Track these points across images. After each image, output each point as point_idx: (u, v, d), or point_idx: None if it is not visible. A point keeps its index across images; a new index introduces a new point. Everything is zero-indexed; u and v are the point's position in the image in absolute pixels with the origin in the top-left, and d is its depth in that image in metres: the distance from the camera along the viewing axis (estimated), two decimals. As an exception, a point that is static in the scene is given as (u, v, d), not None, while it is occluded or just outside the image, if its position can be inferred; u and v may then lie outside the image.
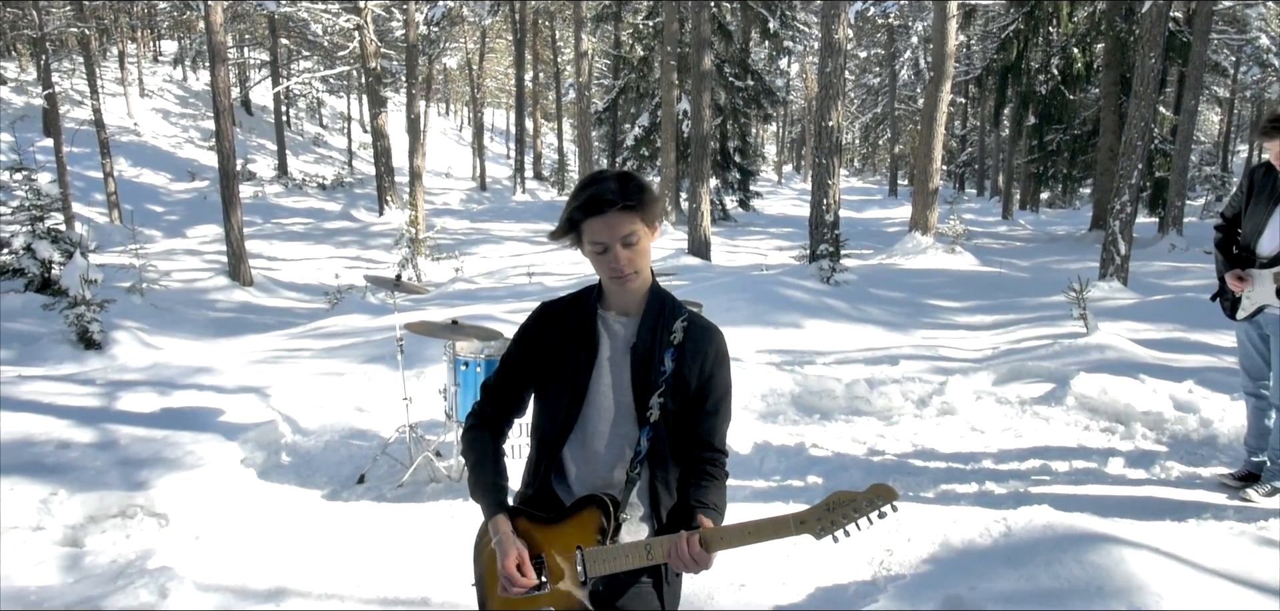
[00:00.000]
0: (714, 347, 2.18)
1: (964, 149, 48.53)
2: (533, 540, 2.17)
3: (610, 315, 2.20)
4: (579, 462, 2.19)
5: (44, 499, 4.71)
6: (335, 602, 4.10)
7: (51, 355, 9.76)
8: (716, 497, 2.14)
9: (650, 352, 2.14)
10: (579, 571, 2.10)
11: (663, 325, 2.16)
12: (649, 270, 2.18)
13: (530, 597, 2.14)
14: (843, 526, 1.87)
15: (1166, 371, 6.94)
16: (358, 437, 6.38)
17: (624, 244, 2.04)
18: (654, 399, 2.12)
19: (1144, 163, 12.15)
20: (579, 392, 2.17)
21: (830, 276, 12.35)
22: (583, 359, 2.17)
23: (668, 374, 2.13)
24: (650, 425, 2.12)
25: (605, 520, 2.09)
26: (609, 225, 2.02)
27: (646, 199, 2.05)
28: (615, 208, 2.01)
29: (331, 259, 18.95)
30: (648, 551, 2.04)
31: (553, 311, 2.26)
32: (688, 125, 24.12)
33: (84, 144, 23.55)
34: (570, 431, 2.18)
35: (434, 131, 43.74)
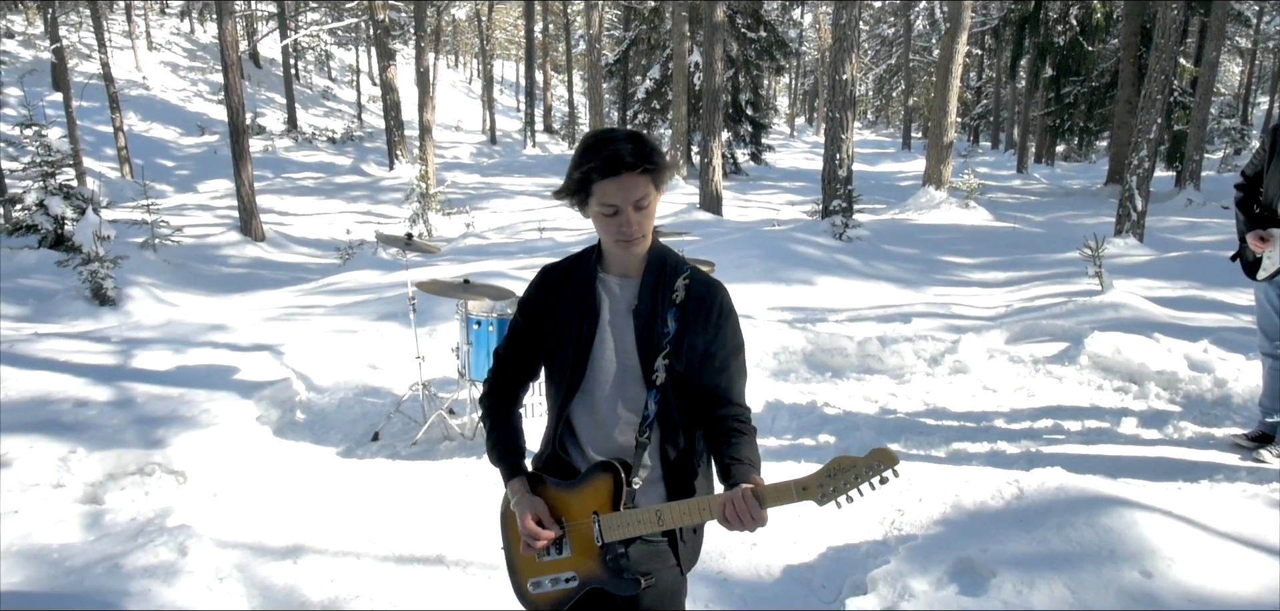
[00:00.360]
0: (717, 303, 2.13)
1: (979, 101, 47.99)
2: (551, 503, 2.19)
3: (611, 277, 2.18)
4: (588, 427, 2.19)
5: (63, 457, 4.76)
6: (351, 559, 4.15)
7: (67, 311, 9.83)
8: (749, 452, 2.08)
9: (652, 314, 2.11)
10: (595, 535, 2.12)
11: (664, 285, 2.13)
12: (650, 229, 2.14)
13: (554, 561, 2.18)
14: (845, 492, 1.85)
15: (1181, 330, 6.89)
16: (371, 395, 6.42)
17: (636, 207, 2.01)
18: (659, 361, 2.08)
19: (1163, 116, 11.97)
20: (582, 358, 2.15)
21: (842, 233, 12.28)
22: (584, 324, 2.15)
23: (671, 334, 2.09)
24: (657, 388, 2.09)
25: (618, 486, 2.09)
26: (623, 187, 1.98)
27: (660, 162, 2.02)
28: (632, 170, 1.97)
29: (342, 214, 18.94)
30: (658, 518, 2.04)
31: (553, 276, 2.24)
32: (699, 77, 23.90)
33: (93, 98, 23.52)
34: (575, 394, 2.17)
35: (443, 84, 43.47)
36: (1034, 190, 24.37)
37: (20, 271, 11.17)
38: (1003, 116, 46.68)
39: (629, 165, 1.97)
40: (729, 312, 2.15)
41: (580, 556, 2.17)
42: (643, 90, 29.04)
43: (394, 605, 3.77)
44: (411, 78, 38.51)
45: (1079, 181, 26.99)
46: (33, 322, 9.39)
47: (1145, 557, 3.23)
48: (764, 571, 4.01)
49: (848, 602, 3.37)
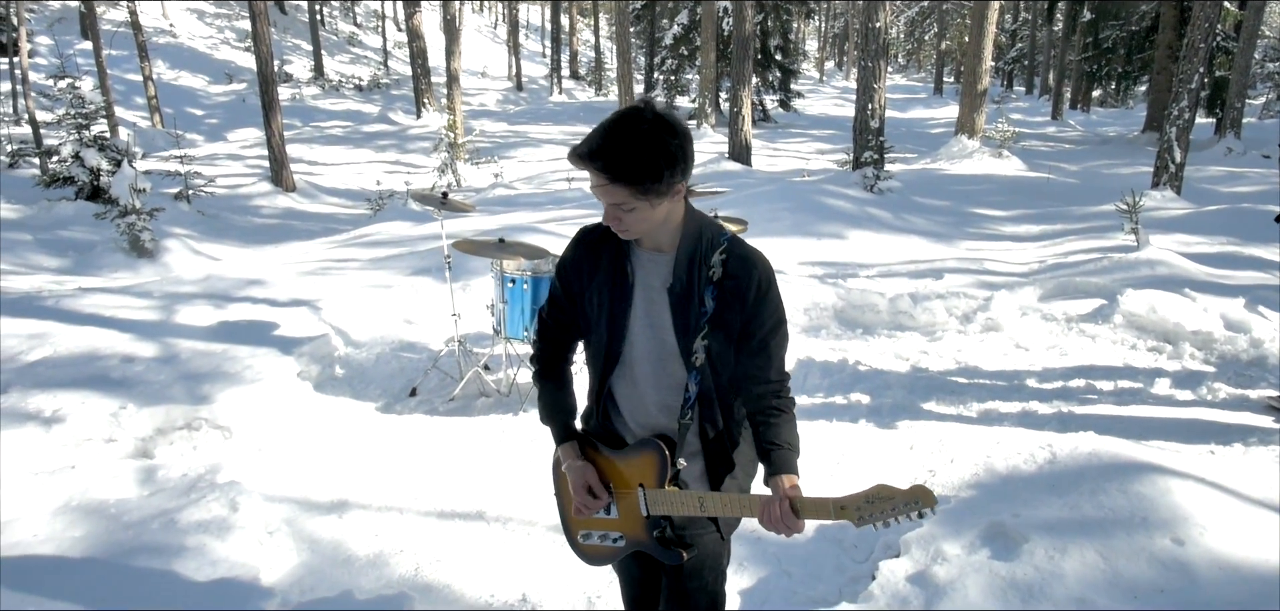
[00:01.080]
0: (757, 277, 2.05)
1: (1013, 45, 47.04)
2: (601, 467, 2.26)
3: (644, 252, 2.11)
4: (628, 401, 2.21)
5: (114, 412, 4.91)
6: (395, 514, 4.27)
7: (106, 264, 10.03)
8: (788, 433, 2.09)
9: (688, 292, 2.05)
10: (641, 506, 2.19)
11: (700, 260, 2.04)
12: (672, 211, 2.03)
13: (603, 518, 2.28)
14: (881, 519, 1.90)
15: (1218, 288, 6.83)
16: (407, 350, 6.52)
17: (615, 207, 1.94)
18: (697, 342, 2.05)
19: (1205, 65, 11.70)
20: (617, 333, 2.13)
21: (874, 184, 12.19)
22: (617, 299, 2.12)
23: (709, 313, 2.03)
24: (696, 370, 2.07)
25: (663, 463, 2.12)
26: (599, 188, 1.93)
27: (649, 183, 1.89)
28: (608, 178, 1.90)
29: (371, 164, 19.03)
30: (701, 504, 2.10)
31: (588, 242, 2.19)
32: (728, 23, 23.61)
33: (122, 46, 23.63)
34: (613, 368, 2.17)
35: (469, 29, 43.23)
36: (1069, 138, 23.98)
37: (59, 223, 11.39)
38: (1038, 61, 45.74)
39: (599, 168, 1.89)
40: (769, 287, 2.07)
41: (627, 520, 2.25)
42: (670, 35, 28.74)
43: (437, 559, 3.88)
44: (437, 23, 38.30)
45: (1115, 129, 26.51)
46: (74, 275, 9.60)
47: (1178, 524, 3.27)
48: (797, 531, 4.08)
49: (881, 565, 3.44)
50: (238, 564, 3.66)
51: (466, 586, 3.70)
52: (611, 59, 37.31)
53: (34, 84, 14.78)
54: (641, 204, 1.93)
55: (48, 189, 12.56)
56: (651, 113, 1.91)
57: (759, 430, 2.12)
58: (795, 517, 1.98)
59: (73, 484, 4.27)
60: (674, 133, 1.91)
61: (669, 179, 1.91)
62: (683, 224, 2.07)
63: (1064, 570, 3.12)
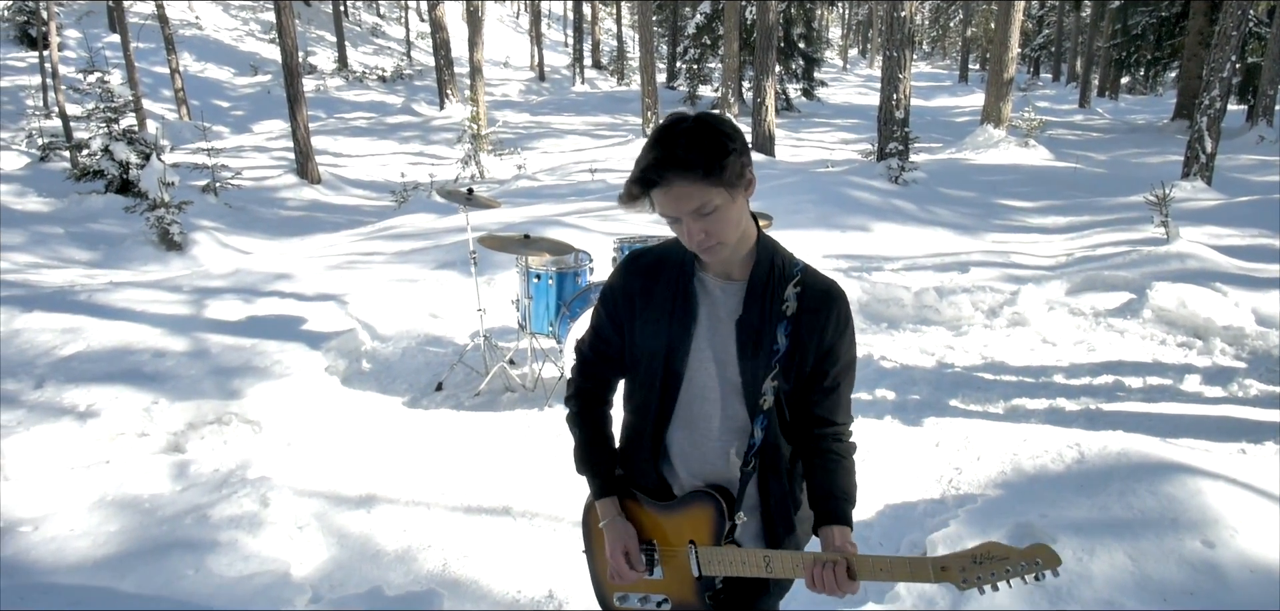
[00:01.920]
0: (835, 315, 1.87)
1: (1040, 31, 46.47)
2: (642, 524, 2.03)
3: (709, 277, 1.90)
4: (684, 447, 1.97)
5: (146, 407, 4.99)
6: (422, 510, 4.32)
7: (136, 257, 10.18)
8: (846, 482, 1.90)
9: (760, 327, 1.85)
10: (692, 566, 1.96)
11: (773, 292, 1.86)
12: (748, 229, 1.86)
13: (646, 580, 2.04)
14: (992, 582, 1.66)
15: (1250, 281, 6.75)
16: (433, 344, 6.58)
17: (697, 215, 1.71)
18: (767, 383, 1.84)
19: (1237, 53, 11.51)
20: (676, 373, 1.91)
21: (899, 176, 12.10)
22: (677, 332, 1.89)
23: (781, 352, 1.84)
24: (764, 413, 1.86)
25: (720, 518, 1.90)
26: (673, 197, 1.70)
27: (721, 164, 1.68)
28: (679, 177, 1.68)
29: (395, 155, 19.14)
30: (767, 564, 1.85)
31: (641, 267, 1.97)
32: (751, 12, 23.49)
33: (149, 39, 23.90)
34: (670, 414, 1.94)
35: (491, 19, 43.29)
36: (1096, 126, 23.68)
37: (89, 216, 11.55)
38: (1065, 47, 45.17)
39: (674, 171, 1.68)
40: (846, 326, 1.90)
41: (674, 581, 2.02)
42: (693, 24, 28.62)
43: (464, 555, 3.92)
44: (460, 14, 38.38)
45: (1144, 116, 26.17)
46: (105, 268, 9.75)
47: (1208, 526, 3.24)
48: (822, 529, 4.08)
49: (907, 565, 3.43)
50: (269, 559, 3.72)
51: (493, 582, 3.74)
52: (634, 48, 37.24)
53: (64, 78, 14.96)
54: (722, 198, 1.71)
55: (78, 182, 12.74)
56: (691, 114, 1.77)
57: (813, 474, 1.92)
58: (851, 581, 1.77)
59: (108, 479, 4.35)
60: (720, 118, 1.75)
61: (737, 158, 1.71)
62: (755, 248, 1.88)
63: (1092, 571, 3.11)
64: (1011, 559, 1.63)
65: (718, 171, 1.68)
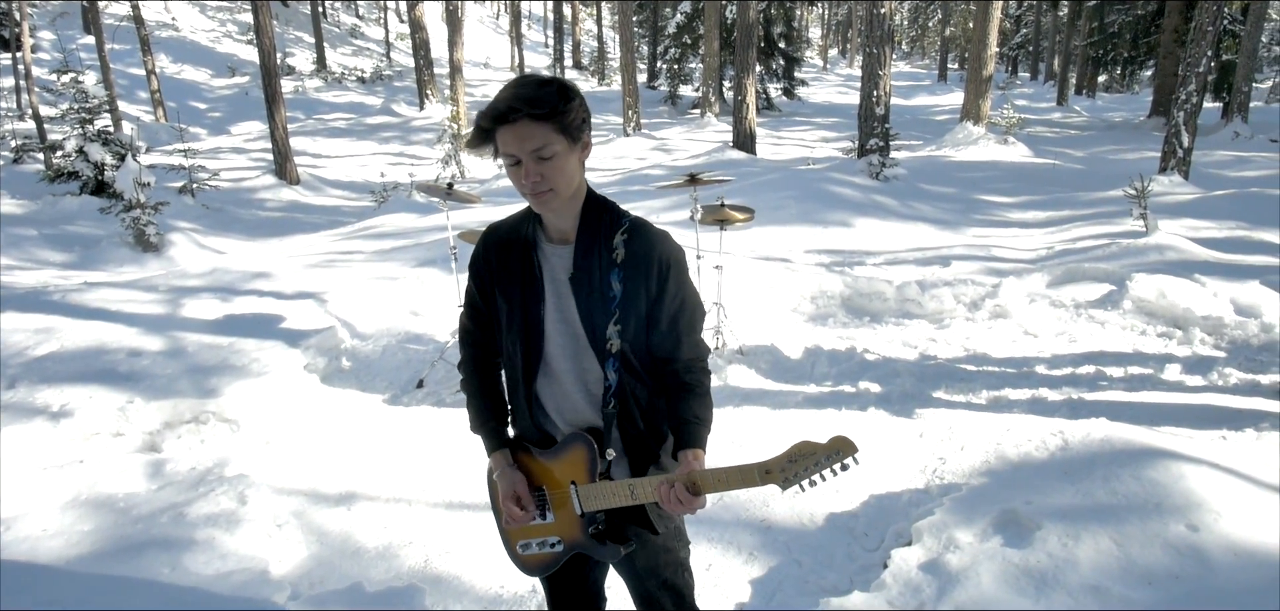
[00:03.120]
0: (659, 255, 2.01)
1: (1018, 30, 46.82)
2: (532, 472, 2.18)
3: (550, 245, 2.06)
4: (552, 398, 2.12)
5: (122, 406, 4.91)
6: (403, 506, 4.27)
7: (111, 258, 10.03)
8: (696, 408, 2.04)
9: (591, 278, 2.01)
10: (574, 504, 2.11)
11: (602, 244, 2.01)
12: (581, 188, 2.02)
13: (539, 524, 2.19)
14: (806, 478, 1.81)
15: (1228, 271, 6.79)
16: (414, 342, 6.51)
17: (537, 157, 1.86)
18: (610, 328, 2.00)
19: (1213, 49, 11.62)
20: (532, 331, 2.07)
21: (879, 172, 12.13)
22: (528, 296, 2.06)
23: (617, 298, 1.99)
24: (613, 357, 2.01)
25: (592, 457, 2.06)
26: (518, 135, 1.85)
27: (562, 106, 1.86)
28: (522, 116, 1.83)
29: (375, 155, 19.01)
30: (631, 492, 2.01)
31: (495, 240, 2.13)
32: (731, 11, 23.52)
33: (124, 40, 23.63)
34: (535, 370, 2.09)
35: (470, 20, 43.17)
36: (1074, 124, 23.87)
37: (64, 218, 11.39)
38: (1043, 46, 45.55)
39: (516, 110, 1.84)
40: (672, 264, 2.03)
41: (563, 522, 2.17)
42: (673, 24, 28.62)
43: (447, 551, 3.87)
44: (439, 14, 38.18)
45: (1121, 114, 26.40)
46: (80, 269, 9.61)
47: (1191, 511, 3.24)
48: (807, 519, 4.07)
49: (893, 553, 3.42)
50: (247, 557, 3.66)
51: (476, 578, 3.69)
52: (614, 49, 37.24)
53: (37, 79, 14.77)
54: (562, 146, 1.88)
55: (52, 184, 12.57)
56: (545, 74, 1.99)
57: (669, 407, 2.08)
58: (693, 497, 1.91)
59: (81, 478, 4.27)
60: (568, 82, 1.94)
61: (580, 111, 1.91)
62: (583, 208, 2.03)
63: (1078, 557, 3.10)
64: (818, 453, 1.79)
65: (561, 116, 1.86)
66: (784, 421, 5.07)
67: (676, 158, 17.96)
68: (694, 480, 1.91)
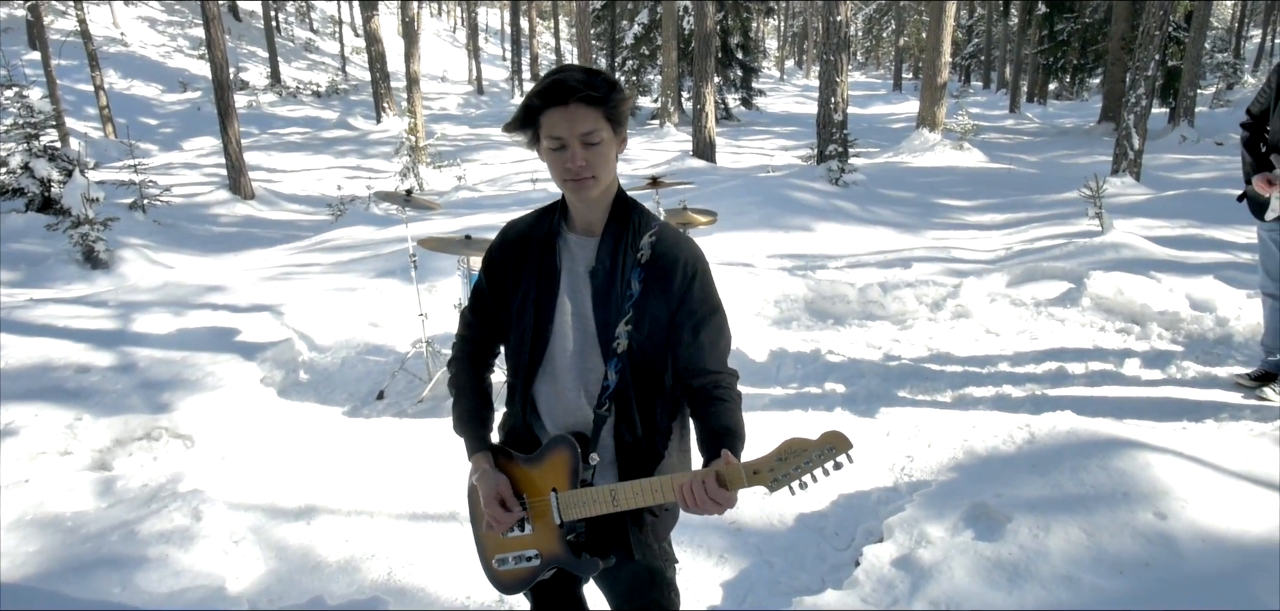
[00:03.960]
0: (686, 261, 1.95)
1: (970, 41, 47.65)
2: (514, 478, 2.06)
3: (573, 236, 2.01)
4: (548, 399, 2.04)
5: (69, 424, 4.74)
6: (365, 518, 4.16)
7: (59, 276, 9.73)
8: (730, 421, 1.92)
9: (612, 275, 1.94)
10: (553, 513, 2.00)
11: (628, 243, 1.95)
12: (613, 182, 1.98)
13: (517, 537, 2.07)
14: (797, 478, 1.71)
15: (1182, 268, 6.90)
16: (374, 353, 6.39)
17: (583, 142, 1.84)
18: (620, 327, 1.92)
19: (1160, 53, 11.88)
20: (542, 325, 1.99)
21: (839, 177, 12.22)
22: (543, 288, 1.99)
23: (635, 297, 1.92)
24: (617, 357, 1.93)
25: (574, 461, 1.96)
26: (569, 118, 1.82)
27: (614, 96, 1.86)
28: (577, 98, 1.81)
29: (331, 169, 18.75)
30: (612, 498, 1.90)
31: (515, 234, 2.08)
32: (689, 21, 23.61)
33: (72, 56, 23.10)
34: (537, 366, 2.01)
35: (427, 33, 42.87)
36: (1027, 130, 24.30)
37: (10, 236, 11.03)
38: (994, 55, 46.39)
39: (573, 91, 1.81)
40: (698, 274, 1.97)
41: (541, 534, 2.05)
42: (631, 35, 28.68)
43: (411, 562, 3.78)
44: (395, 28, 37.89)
45: (1072, 120, 26.92)
46: (26, 288, 9.30)
47: (1159, 498, 3.26)
48: (777, 520, 4.04)
49: (864, 550, 3.40)
50: (202, 574, 3.53)
51: (442, 588, 3.60)
52: (572, 60, 37.20)
53: (-21, 95, 14.34)
54: (608, 134, 1.87)
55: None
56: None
57: (698, 423, 1.97)
58: (723, 489, 1.76)
59: (27, 498, 4.10)
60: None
61: (624, 104, 1.90)
62: (614, 204, 1.99)
63: (1049, 548, 3.10)
64: (809, 451, 1.70)
65: (610, 104, 1.85)
66: (751, 424, 4.99)
67: (637, 167, 17.95)
68: (718, 472, 1.77)
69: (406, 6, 21.60)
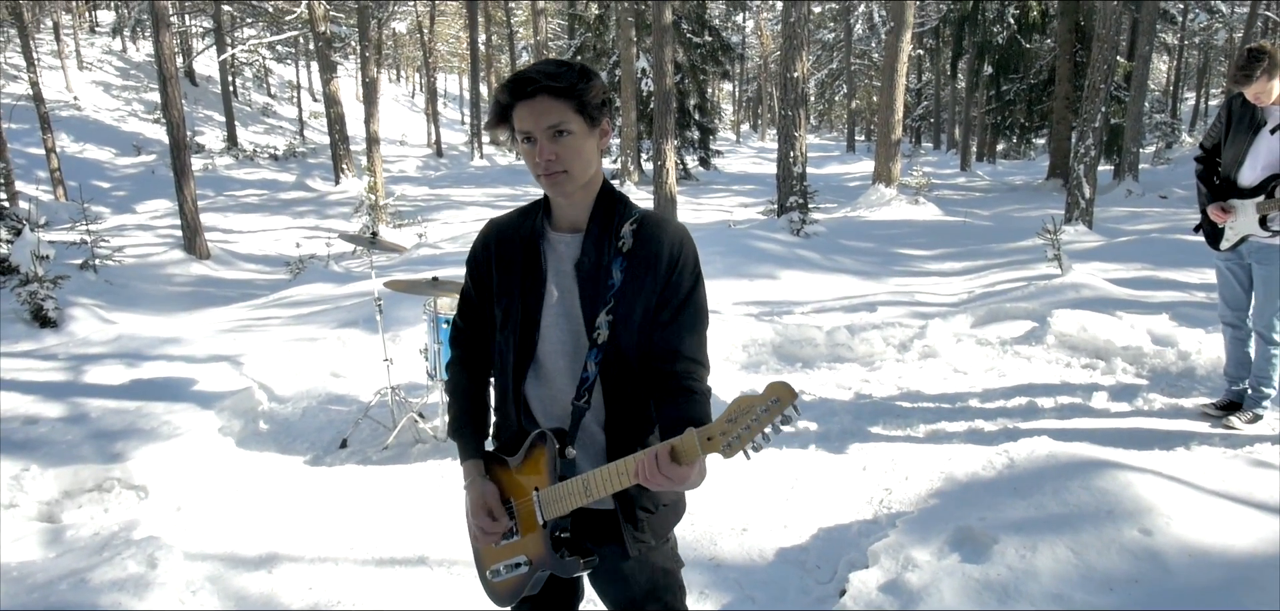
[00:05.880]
0: (669, 244, 1.88)
1: (919, 102, 48.85)
2: (503, 485, 2.01)
3: (558, 235, 1.96)
4: (541, 400, 1.98)
5: (15, 475, 4.51)
6: (330, 565, 4.00)
7: (5, 335, 9.37)
8: (694, 413, 1.82)
9: (596, 267, 1.89)
10: (537, 514, 1.93)
11: (610, 233, 1.90)
12: (596, 178, 1.93)
13: (508, 545, 2.00)
14: (750, 440, 1.62)
15: (1141, 307, 7.02)
16: (336, 403, 6.23)
17: (551, 134, 1.79)
18: (601, 317, 1.86)
19: (1106, 105, 12.26)
20: (529, 325, 1.94)
21: (800, 228, 12.34)
22: (528, 286, 1.94)
23: (616, 287, 1.86)
24: (598, 347, 1.87)
25: (553, 456, 1.89)
26: (535, 111, 1.78)
27: (583, 86, 1.80)
28: (541, 90, 1.77)
29: (289, 230, 18.51)
30: (584, 489, 1.82)
31: (498, 232, 2.03)
32: (647, 83, 23.93)
33: (22, 120, 22.69)
34: (526, 368, 1.96)
35: (386, 98, 42.90)
36: (978, 187, 24.83)
37: (-48, 296, 10.67)
38: (944, 117, 47.62)
39: (536, 83, 1.77)
40: (682, 258, 1.89)
41: (529, 539, 1.97)
42: (590, 98, 28.93)
43: (379, 607, 3.62)
44: (353, 93, 37.91)
45: (1021, 177, 27.57)
46: (-32, 347, 8.96)
47: (1143, 516, 3.24)
48: (757, 555, 3.96)
49: (850, 577, 3.32)
50: (158, 622, 3.34)
51: (413, 631, 3.45)
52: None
53: (-77, 155, 13.98)
54: (579, 125, 1.82)
55: (-61, 262, 11.78)
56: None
57: (662, 409, 1.86)
58: (674, 464, 1.69)
59: (-33, 551, 3.88)
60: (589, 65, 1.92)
61: (599, 93, 1.85)
62: (598, 198, 1.94)
63: (1037, 567, 3.05)
64: (755, 407, 1.61)
65: (580, 95, 1.80)
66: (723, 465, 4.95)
67: (599, 225, 17.97)
68: (672, 446, 1.69)
69: (366, 68, 21.61)
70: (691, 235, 1.98)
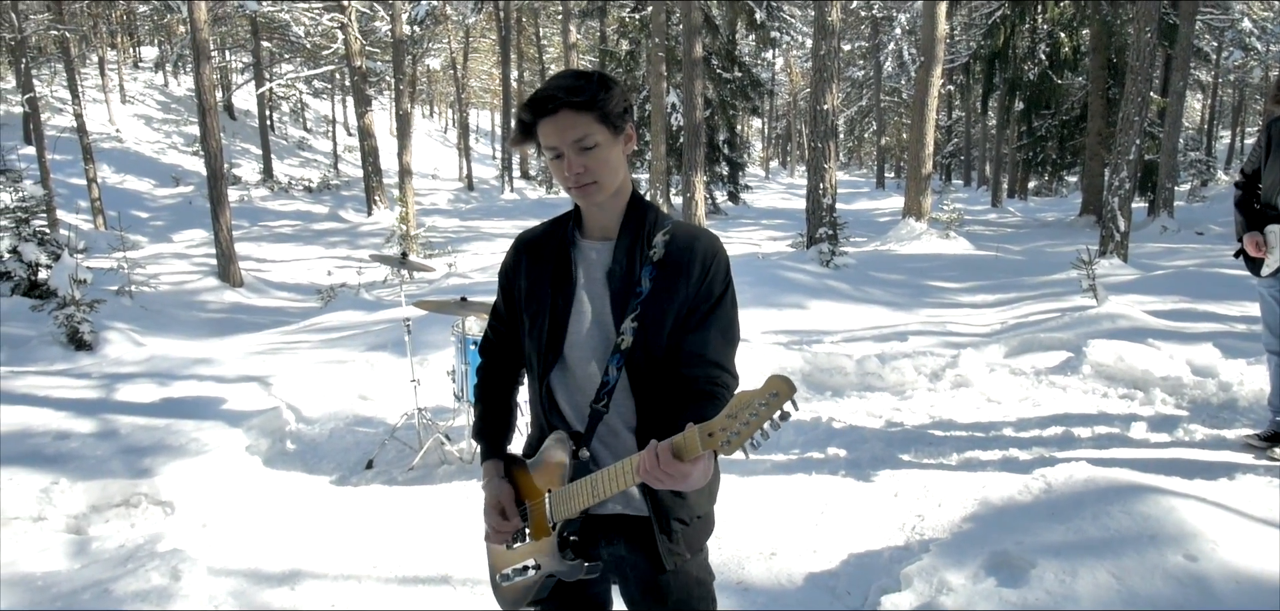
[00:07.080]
0: (701, 253, 1.86)
1: (950, 139, 48.66)
2: (521, 487, 2.01)
3: (589, 242, 1.95)
4: (571, 407, 1.94)
5: (45, 488, 4.54)
6: (353, 583, 3.97)
7: (42, 357, 9.53)
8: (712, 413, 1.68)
9: (627, 275, 1.87)
10: (547, 516, 1.91)
11: (642, 241, 1.88)
12: (625, 184, 1.92)
13: (520, 548, 1.98)
14: (749, 436, 1.56)
15: (1180, 338, 6.86)
16: (363, 424, 6.23)
17: (577, 148, 1.79)
18: (626, 322, 1.83)
19: (1141, 138, 12.11)
20: (557, 335, 1.92)
21: (830, 259, 12.26)
22: (558, 297, 1.92)
23: (644, 295, 1.84)
24: (620, 352, 1.84)
25: (565, 457, 1.88)
26: (559, 126, 1.78)
27: (603, 97, 1.80)
28: (563, 105, 1.77)
29: (321, 259, 18.72)
30: (592, 489, 1.79)
31: (528, 245, 2.03)
32: (677, 118, 24.03)
33: (66, 151, 23.24)
34: (551, 371, 1.94)
35: (418, 133, 43.47)
36: (1010, 223, 24.61)
37: (-7, 318, 10.87)
38: (974, 154, 47.37)
39: (557, 98, 1.77)
40: (714, 266, 1.86)
41: (539, 541, 1.94)
42: (620, 133, 29.10)
43: (402, 625, 3.58)
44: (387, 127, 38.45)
45: (1053, 214, 27.30)
46: (7, 366, 9.11)
47: (1187, 541, 3.13)
48: (785, 580, 3.87)
49: (883, 600, 3.23)
50: (181, 634, 3.33)
51: (435, 648, 3.40)
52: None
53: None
54: (603, 136, 1.81)
55: (-20, 286, 12.03)
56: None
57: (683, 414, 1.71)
58: (676, 461, 1.62)
59: (-4, 560, 3.90)
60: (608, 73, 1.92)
61: (620, 100, 1.84)
62: (628, 206, 1.93)
63: (1077, 592, 2.95)
64: (753, 400, 1.57)
65: (601, 105, 1.80)
66: (753, 487, 4.89)
67: (627, 257, 18.00)
68: (672, 443, 1.63)
69: (400, 102, 21.92)
70: (720, 244, 1.95)
